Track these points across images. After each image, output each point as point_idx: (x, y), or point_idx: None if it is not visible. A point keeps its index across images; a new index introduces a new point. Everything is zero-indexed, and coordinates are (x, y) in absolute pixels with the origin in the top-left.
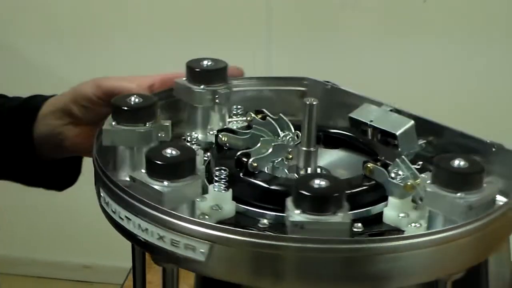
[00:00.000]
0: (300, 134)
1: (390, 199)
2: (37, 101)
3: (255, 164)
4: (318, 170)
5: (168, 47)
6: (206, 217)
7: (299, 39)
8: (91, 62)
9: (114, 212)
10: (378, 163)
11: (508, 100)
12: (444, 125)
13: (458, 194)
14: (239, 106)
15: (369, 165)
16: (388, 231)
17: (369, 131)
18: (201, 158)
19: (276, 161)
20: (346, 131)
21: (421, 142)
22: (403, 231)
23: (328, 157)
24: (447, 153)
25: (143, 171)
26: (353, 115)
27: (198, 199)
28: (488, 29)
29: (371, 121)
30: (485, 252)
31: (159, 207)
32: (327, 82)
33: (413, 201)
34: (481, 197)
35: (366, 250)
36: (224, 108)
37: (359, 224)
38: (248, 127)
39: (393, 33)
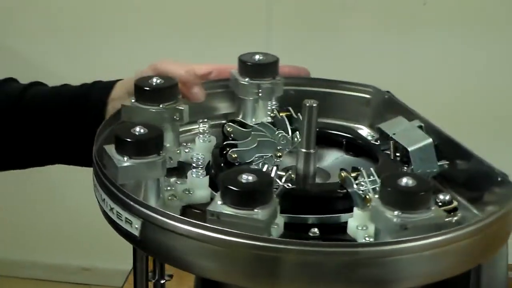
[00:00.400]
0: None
1: (355, 209)
2: (104, 85)
3: (235, 155)
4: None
5: (168, 46)
6: (175, 199)
7: (299, 38)
8: (91, 61)
9: (103, 201)
10: (354, 173)
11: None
12: (467, 148)
13: (395, 213)
14: (274, 103)
15: (342, 173)
16: (341, 240)
17: (391, 143)
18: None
19: (265, 157)
20: (359, 136)
21: (443, 163)
22: None
23: (331, 159)
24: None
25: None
26: (382, 126)
27: (178, 182)
28: (487, 25)
29: (394, 134)
30: (482, 256)
31: (116, 184)
32: (387, 92)
33: None
34: (420, 218)
35: (363, 254)
36: (267, 102)
37: (315, 229)
38: (273, 123)
39: (392, 32)
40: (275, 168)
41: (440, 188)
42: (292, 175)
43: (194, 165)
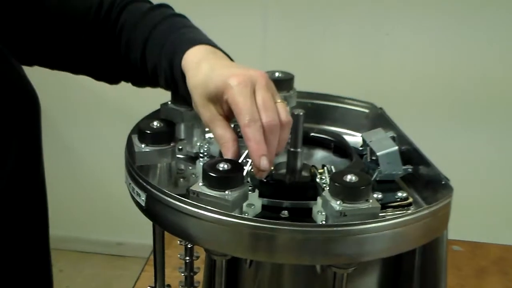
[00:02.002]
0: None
1: (318, 198)
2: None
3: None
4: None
5: None
6: (181, 180)
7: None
8: None
9: (126, 178)
10: (321, 169)
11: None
12: (426, 157)
13: (338, 202)
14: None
15: (311, 170)
16: (302, 220)
17: (368, 149)
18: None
19: None
20: (343, 141)
21: (407, 167)
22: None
23: (319, 158)
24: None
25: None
26: (363, 134)
27: (190, 167)
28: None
29: (370, 141)
30: (433, 233)
31: (132, 165)
32: (380, 108)
33: None
34: (357, 208)
35: (340, 232)
36: None
37: (285, 212)
38: None
39: (384, 15)
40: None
41: (402, 187)
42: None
43: (201, 154)
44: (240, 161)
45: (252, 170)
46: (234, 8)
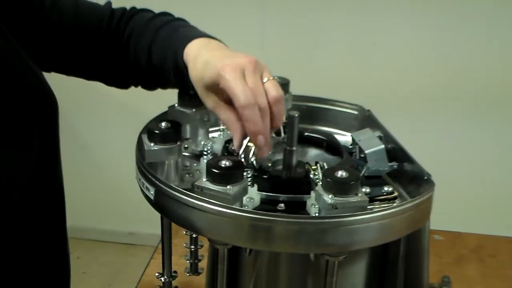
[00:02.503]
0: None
1: (312, 192)
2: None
3: (233, 147)
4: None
5: None
6: (187, 176)
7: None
8: None
9: (137, 173)
10: (314, 166)
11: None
12: (410, 154)
13: (330, 196)
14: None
15: (306, 166)
16: (297, 212)
17: (357, 147)
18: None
19: None
20: (335, 140)
21: (393, 164)
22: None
23: (313, 155)
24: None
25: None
26: (353, 134)
27: (195, 164)
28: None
29: (359, 140)
30: (417, 224)
31: (142, 162)
32: (368, 110)
33: None
34: (347, 201)
35: (332, 224)
36: None
37: (282, 205)
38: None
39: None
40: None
41: (388, 182)
42: (269, 164)
43: (205, 152)
44: (241, 149)
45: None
46: (232, 13)
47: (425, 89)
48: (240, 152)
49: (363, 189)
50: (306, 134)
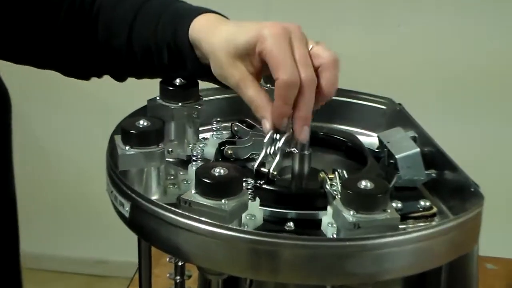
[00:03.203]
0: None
1: (328, 208)
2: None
3: (230, 152)
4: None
5: None
6: (174, 187)
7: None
8: None
9: (108, 184)
10: (331, 174)
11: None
12: (452, 160)
13: (351, 212)
14: (218, 119)
15: (320, 174)
16: (310, 233)
17: (385, 151)
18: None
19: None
20: (358, 142)
21: (431, 172)
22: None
23: (330, 161)
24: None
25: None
26: (380, 134)
27: (181, 172)
28: None
29: (388, 142)
30: (462, 248)
31: (114, 170)
32: (399, 104)
33: None
34: (373, 219)
35: (354, 247)
36: None
37: (291, 223)
38: (234, 135)
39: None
40: (257, 164)
41: (424, 195)
42: (275, 173)
43: (194, 158)
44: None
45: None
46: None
47: (467, 79)
48: (268, 137)
49: (393, 204)
50: (322, 134)
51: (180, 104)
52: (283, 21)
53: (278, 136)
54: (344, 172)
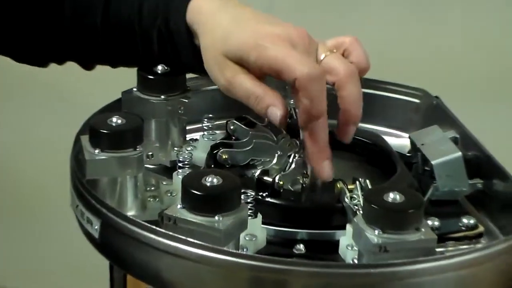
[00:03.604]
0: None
1: (348, 226)
2: None
3: (225, 157)
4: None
5: None
6: (156, 200)
7: None
8: None
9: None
10: (351, 185)
11: None
12: (504, 168)
13: (376, 232)
14: (210, 115)
15: (338, 185)
16: (325, 258)
17: (419, 155)
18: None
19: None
20: (383, 144)
21: (476, 182)
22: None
23: (348, 168)
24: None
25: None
26: (412, 135)
27: (164, 182)
28: None
29: (422, 144)
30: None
31: (80, 179)
32: (436, 97)
33: None
34: (404, 240)
35: (380, 275)
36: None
37: (301, 246)
38: (230, 135)
39: None
40: (258, 172)
41: (468, 210)
42: (281, 182)
43: (180, 164)
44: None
45: None
46: None
47: None
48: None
49: (429, 222)
50: None
51: (162, 97)
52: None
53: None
54: (367, 181)
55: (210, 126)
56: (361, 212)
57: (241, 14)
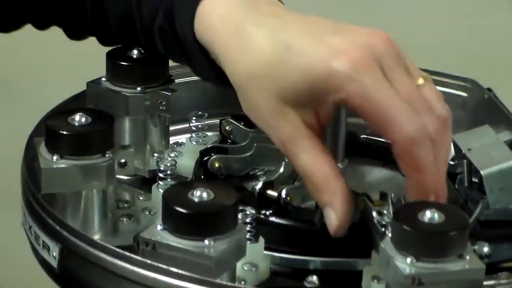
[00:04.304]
0: None
1: (373, 253)
2: None
3: (218, 165)
4: None
5: None
6: (129, 220)
7: None
8: None
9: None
10: (378, 201)
11: None
12: None
13: (408, 260)
14: (200, 113)
15: (361, 202)
16: None
17: (465, 163)
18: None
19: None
20: None
21: None
22: None
23: (373, 178)
24: None
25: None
26: (457, 137)
27: (141, 198)
28: None
29: (469, 150)
30: None
31: (35, 192)
32: (489, 89)
33: None
34: (444, 270)
35: None
36: None
37: (314, 278)
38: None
39: None
40: (259, 185)
41: None
42: (289, 198)
43: (161, 175)
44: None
45: None
46: None
47: None
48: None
49: (476, 247)
50: (364, 137)
51: (138, 88)
52: None
53: None
54: (400, 196)
55: (199, 126)
56: (389, 234)
57: (281, 26)
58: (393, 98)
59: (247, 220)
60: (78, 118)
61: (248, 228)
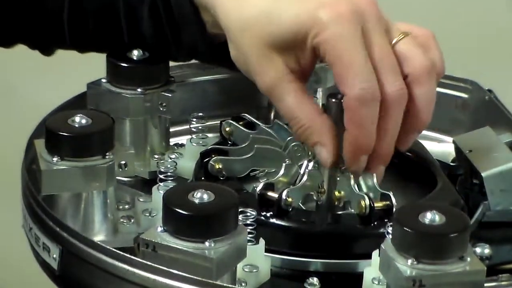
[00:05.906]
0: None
1: (374, 254)
2: None
3: (219, 166)
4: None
5: None
6: (130, 222)
7: None
8: None
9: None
10: (379, 202)
11: None
12: None
13: (409, 261)
14: (200, 114)
15: (362, 203)
16: None
17: (465, 165)
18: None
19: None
20: (420, 152)
21: None
22: None
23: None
24: None
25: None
26: (458, 139)
27: (141, 199)
28: None
29: (470, 151)
30: None
31: (35, 194)
32: (489, 90)
33: None
34: (445, 272)
35: None
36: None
37: (315, 280)
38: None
39: None
40: (260, 186)
41: None
42: (290, 199)
43: (161, 177)
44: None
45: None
46: None
47: None
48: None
49: (477, 249)
50: None
51: (139, 90)
52: None
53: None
54: (401, 198)
55: (199, 127)
56: (390, 236)
57: None
58: (358, 56)
59: (248, 222)
60: (78, 120)
61: (248, 230)
